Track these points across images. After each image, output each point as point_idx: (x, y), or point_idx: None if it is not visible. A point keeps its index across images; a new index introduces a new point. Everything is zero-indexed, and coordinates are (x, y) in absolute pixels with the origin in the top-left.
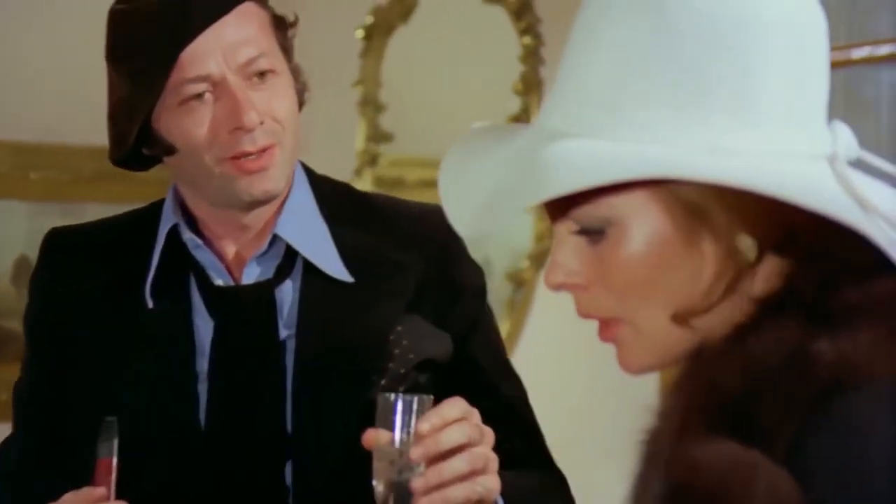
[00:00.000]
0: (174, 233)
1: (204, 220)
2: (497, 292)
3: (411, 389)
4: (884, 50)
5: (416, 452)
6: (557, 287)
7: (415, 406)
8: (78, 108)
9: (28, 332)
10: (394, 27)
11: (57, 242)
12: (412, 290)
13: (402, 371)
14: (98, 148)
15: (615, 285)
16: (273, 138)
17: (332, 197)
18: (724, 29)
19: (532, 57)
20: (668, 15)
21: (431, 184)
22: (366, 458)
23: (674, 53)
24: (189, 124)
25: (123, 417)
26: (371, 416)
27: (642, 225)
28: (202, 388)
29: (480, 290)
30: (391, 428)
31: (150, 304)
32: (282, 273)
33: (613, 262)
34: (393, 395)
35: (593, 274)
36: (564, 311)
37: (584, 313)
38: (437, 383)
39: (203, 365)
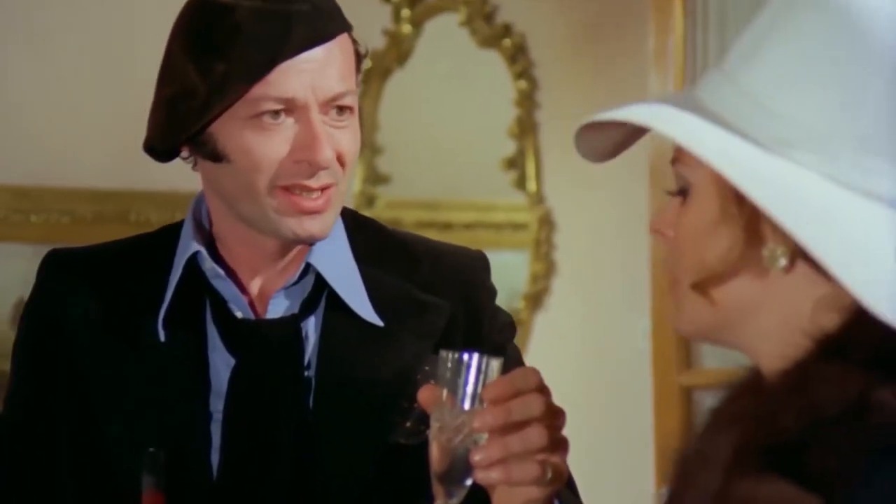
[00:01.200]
0: (192, 260)
1: (230, 243)
2: None
3: None
4: None
5: (480, 420)
6: (652, 230)
7: (485, 367)
8: (77, 151)
9: (18, 361)
10: (390, 71)
11: (57, 264)
12: (440, 332)
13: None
14: (97, 191)
15: (678, 244)
16: (333, 179)
17: (360, 233)
18: None
19: (527, 101)
20: (850, 39)
21: (428, 225)
22: (385, 501)
23: (847, 80)
24: (255, 141)
25: (124, 462)
26: (392, 462)
27: (704, 195)
28: (215, 431)
29: (508, 332)
30: (453, 389)
31: (162, 338)
32: (307, 308)
33: (681, 222)
34: (458, 353)
35: (673, 229)
36: (560, 352)
37: (664, 265)
38: None
39: (218, 404)
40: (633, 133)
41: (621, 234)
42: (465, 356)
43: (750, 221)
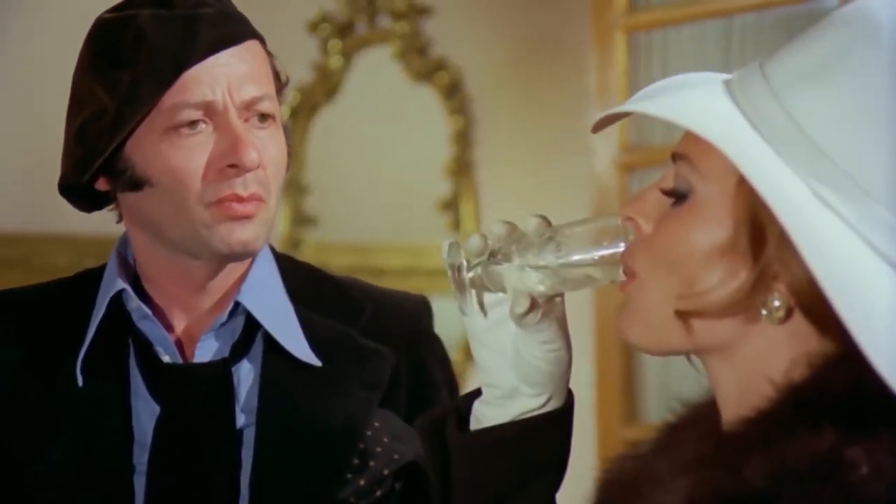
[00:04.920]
0: (117, 300)
1: (156, 281)
2: None
3: (388, 494)
4: None
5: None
6: (626, 217)
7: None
8: None
9: None
10: (318, 106)
11: None
12: (386, 383)
13: (385, 472)
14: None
15: (658, 248)
16: (262, 190)
17: (297, 275)
18: None
19: (463, 138)
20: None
21: (359, 270)
22: None
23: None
24: (175, 155)
25: None
26: None
27: (711, 212)
28: (139, 483)
29: (455, 390)
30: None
31: (81, 382)
32: (239, 351)
33: (672, 227)
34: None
35: (654, 226)
36: None
37: (624, 257)
38: (413, 489)
39: (142, 456)
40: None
41: None
42: None
43: (764, 266)
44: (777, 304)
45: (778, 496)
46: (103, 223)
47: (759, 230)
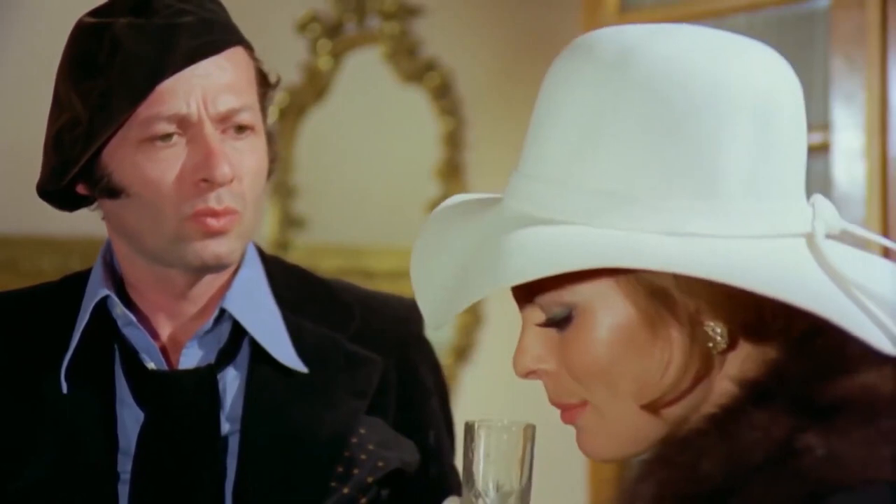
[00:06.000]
0: (101, 306)
1: (139, 288)
2: None
3: (373, 502)
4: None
5: None
6: (526, 374)
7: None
8: None
9: None
10: (307, 107)
11: None
12: (374, 389)
13: (370, 480)
14: None
15: (580, 371)
16: (237, 204)
17: (286, 279)
18: (684, 111)
19: (453, 140)
20: (627, 97)
21: (348, 273)
22: None
23: (634, 137)
24: (150, 166)
25: None
26: None
27: (607, 311)
28: (123, 492)
29: (446, 395)
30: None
31: (65, 390)
32: (224, 358)
33: (579, 347)
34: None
35: (560, 359)
36: (489, 408)
37: (554, 401)
38: (400, 495)
39: (126, 464)
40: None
41: None
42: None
43: (682, 309)
44: (718, 331)
45: (737, 488)
46: (90, 225)
47: (653, 287)
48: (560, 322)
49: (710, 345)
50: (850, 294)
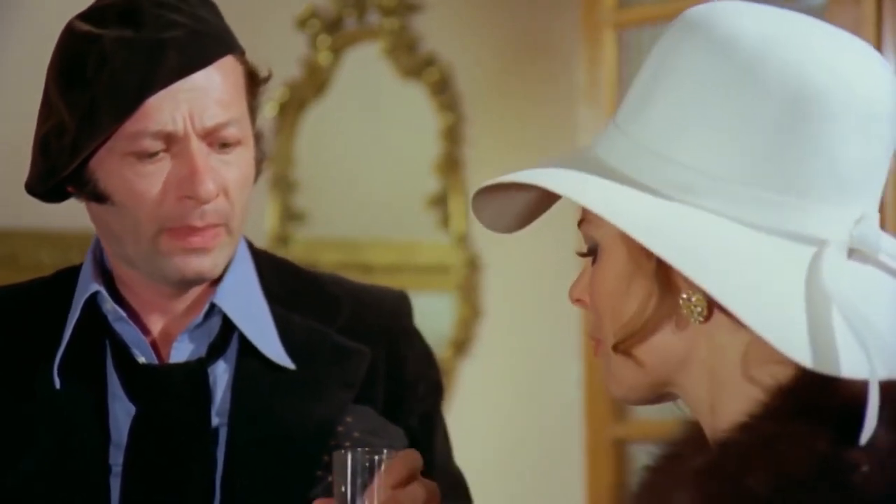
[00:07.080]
0: (92, 302)
1: (130, 283)
2: None
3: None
4: None
5: None
6: (574, 301)
7: (368, 465)
8: None
9: None
10: (306, 102)
11: None
12: (362, 380)
13: None
14: None
15: (594, 305)
16: (221, 219)
17: (275, 273)
18: (794, 110)
19: (452, 135)
20: (742, 79)
21: (347, 267)
22: None
23: (733, 125)
24: (135, 179)
25: None
26: None
27: (612, 251)
28: (115, 485)
29: (435, 384)
30: (345, 486)
31: (58, 385)
32: (215, 352)
33: (594, 281)
34: (346, 451)
35: (588, 293)
36: (488, 401)
37: (588, 331)
38: None
39: (118, 457)
40: (543, 198)
41: (551, 277)
42: (350, 456)
43: (660, 271)
44: (692, 301)
45: (782, 503)
46: (89, 219)
47: (647, 251)
48: (591, 255)
49: (688, 313)
50: (826, 309)
